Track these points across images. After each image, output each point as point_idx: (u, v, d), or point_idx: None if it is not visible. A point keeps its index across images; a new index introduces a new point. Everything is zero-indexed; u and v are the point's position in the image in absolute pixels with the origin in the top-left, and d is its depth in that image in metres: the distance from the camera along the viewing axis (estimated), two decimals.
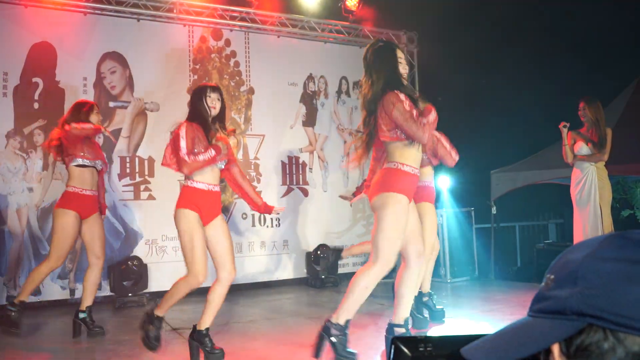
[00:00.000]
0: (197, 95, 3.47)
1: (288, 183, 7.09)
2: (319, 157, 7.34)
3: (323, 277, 6.65)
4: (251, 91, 6.95)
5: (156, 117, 6.37)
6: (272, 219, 6.89)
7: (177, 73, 6.52)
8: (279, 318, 4.97)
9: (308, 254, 6.86)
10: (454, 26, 7.25)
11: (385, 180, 3.11)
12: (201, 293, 6.26)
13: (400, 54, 3.28)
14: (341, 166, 7.01)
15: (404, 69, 3.26)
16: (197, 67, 6.66)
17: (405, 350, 0.64)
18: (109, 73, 6.22)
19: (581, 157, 5.12)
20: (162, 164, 3.53)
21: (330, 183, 7.37)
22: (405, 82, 3.23)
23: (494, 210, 7.21)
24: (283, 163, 7.07)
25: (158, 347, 3.48)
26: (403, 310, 3.29)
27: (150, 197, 6.26)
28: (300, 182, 7.18)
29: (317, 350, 3.15)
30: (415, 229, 3.28)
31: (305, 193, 7.19)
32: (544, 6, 7.82)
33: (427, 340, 0.65)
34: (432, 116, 3.06)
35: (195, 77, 6.63)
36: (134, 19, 6.35)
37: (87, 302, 4.25)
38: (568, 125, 5.14)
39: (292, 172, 7.14)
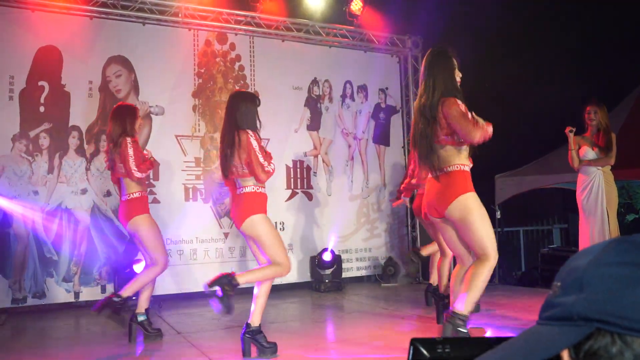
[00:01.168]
0: (252, 103, 3.60)
1: (292, 187, 7.11)
2: (323, 161, 7.35)
3: (327, 281, 6.66)
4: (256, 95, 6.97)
5: (161, 120, 6.40)
6: (276, 222, 6.90)
7: (182, 77, 6.55)
8: (283, 322, 4.97)
9: (312, 258, 6.86)
10: (458, 30, 7.26)
11: (458, 183, 3.19)
12: (203, 297, 6.27)
13: (455, 61, 3.36)
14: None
15: (458, 75, 3.36)
16: (202, 71, 6.69)
17: (424, 351, 0.65)
18: (115, 77, 6.25)
19: (588, 162, 5.10)
20: (229, 176, 3.59)
21: (335, 187, 7.37)
22: (459, 89, 3.33)
23: (498, 214, 7.20)
24: (287, 167, 7.09)
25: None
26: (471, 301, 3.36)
27: (155, 201, 6.27)
28: (305, 186, 7.19)
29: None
30: None
31: (310, 197, 7.20)
32: (548, 11, 7.82)
33: (445, 342, 0.66)
34: (490, 128, 3.16)
35: (200, 80, 6.66)
36: (140, 23, 6.38)
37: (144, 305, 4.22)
38: (574, 129, 5.13)
39: (297, 176, 7.15)
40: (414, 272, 6.46)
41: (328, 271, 6.73)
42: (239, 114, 3.53)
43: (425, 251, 5.18)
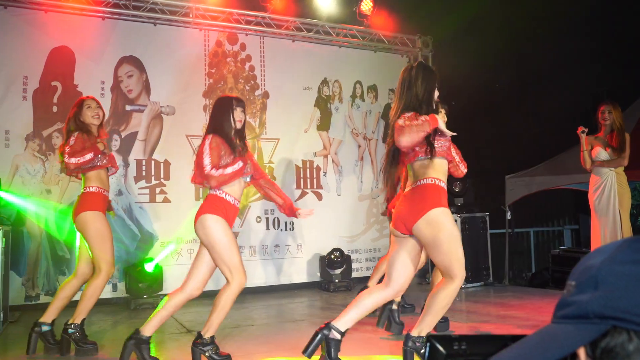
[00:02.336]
0: (222, 107, 3.40)
1: (302, 187, 7.12)
2: (333, 161, 7.36)
3: (337, 281, 6.66)
4: (266, 95, 7.00)
5: (172, 120, 6.44)
6: (286, 222, 6.92)
7: (193, 77, 6.59)
8: (292, 321, 4.98)
9: (322, 258, 6.87)
10: (469, 30, 7.23)
11: (428, 197, 2.93)
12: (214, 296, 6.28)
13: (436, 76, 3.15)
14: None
15: (436, 93, 3.14)
16: (213, 71, 6.72)
17: (440, 348, 0.66)
18: (126, 77, 6.30)
19: (600, 163, 5.05)
20: (192, 182, 3.50)
21: (344, 187, 7.38)
22: (433, 104, 3.08)
23: (508, 215, 7.17)
24: (297, 167, 7.10)
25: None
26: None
27: (166, 200, 6.32)
28: (315, 186, 7.20)
29: None
30: None
31: (320, 197, 7.21)
32: (560, 9, 7.78)
33: (462, 338, 0.67)
34: (417, 121, 2.84)
35: (211, 81, 6.69)
36: (151, 24, 6.43)
37: (83, 314, 3.82)
38: (586, 130, 5.08)
39: (307, 176, 7.16)
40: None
41: (337, 271, 6.73)
42: (212, 120, 3.41)
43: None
